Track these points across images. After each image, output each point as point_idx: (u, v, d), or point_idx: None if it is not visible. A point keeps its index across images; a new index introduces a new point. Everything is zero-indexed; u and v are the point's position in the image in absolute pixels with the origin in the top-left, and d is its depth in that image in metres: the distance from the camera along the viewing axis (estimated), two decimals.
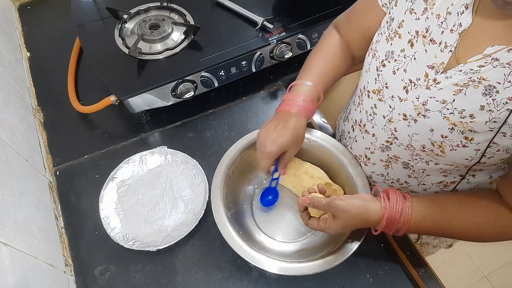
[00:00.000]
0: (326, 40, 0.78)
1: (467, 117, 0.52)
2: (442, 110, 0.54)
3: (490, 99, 0.50)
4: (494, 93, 0.49)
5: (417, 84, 0.57)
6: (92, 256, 0.75)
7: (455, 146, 0.56)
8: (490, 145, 0.53)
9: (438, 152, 0.59)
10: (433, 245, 0.94)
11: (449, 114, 0.54)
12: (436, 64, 0.55)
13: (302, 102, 0.70)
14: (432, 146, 0.59)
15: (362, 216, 0.60)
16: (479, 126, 0.52)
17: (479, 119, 0.51)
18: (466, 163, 0.58)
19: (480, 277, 1.67)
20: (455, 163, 0.60)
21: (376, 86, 0.65)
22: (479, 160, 0.56)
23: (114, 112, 0.94)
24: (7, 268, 0.56)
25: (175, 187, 0.81)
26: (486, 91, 0.50)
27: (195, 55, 0.89)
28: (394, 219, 0.60)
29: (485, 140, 0.53)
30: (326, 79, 0.74)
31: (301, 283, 0.71)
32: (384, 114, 0.65)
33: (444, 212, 0.60)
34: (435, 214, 0.60)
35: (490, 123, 0.51)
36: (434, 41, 0.55)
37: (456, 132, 0.54)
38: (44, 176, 0.83)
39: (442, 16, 0.54)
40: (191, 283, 0.72)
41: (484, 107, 0.50)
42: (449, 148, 0.57)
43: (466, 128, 0.53)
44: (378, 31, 0.66)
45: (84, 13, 0.99)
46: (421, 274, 0.71)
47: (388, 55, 0.61)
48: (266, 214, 0.77)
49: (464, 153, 0.56)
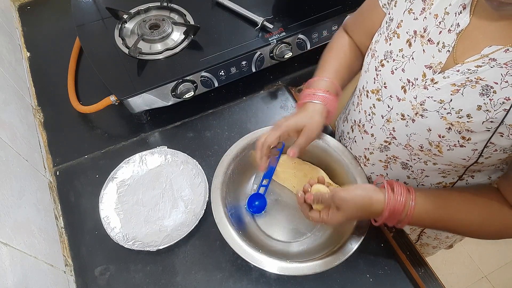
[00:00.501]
0: (336, 41, 0.79)
1: (464, 117, 0.52)
2: (439, 110, 0.55)
3: (487, 99, 0.50)
4: (491, 93, 0.49)
5: (415, 84, 0.57)
6: (92, 256, 0.75)
7: (452, 146, 0.56)
8: (488, 145, 0.53)
9: (436, 152, 0.59)
10: (433, 246, 0.94)
11: (446, 114, 0.54)
12: (434, 64, 0.55)
13: (321, 92, 0.70)
14: (430, 146, 0.59)
15: (366, 207, 0.60)
16: (476, 126, 0.52)
17: (476, 119, 0.51)
18: (464, 163, 0.58)
19: (480, 277, 1.67)
20: (452, 163, 0.60)
21: (375, 86, 0.65)
22: (476, 160, 0.56)
23: (114, 112, 0.94)
24: (7, 268, 0.56)
25: (175, 187, 0.81)
26: (483, 91, 0.50)
27: (195, 55, 0.89)
28: (397, 210, 0.59)
29: (482, 140, 0.53)
30: (341, 75, 0.74)
31: (301, 283, 0.71)
32: (383, 114, 0.65)
33: (447, 207, 0.60)
34: (438, 208, 0.60)
35: (487, 123, 0.51)
36: (432, 41, 0.55)
37: (453, 132, 0.54)
38: (44, 176, 0.83)
39: (440, 16, 0.54)
40: (191, 283, 0.72)
41: (481, 107, 0.50)
42: (446, 148, 0.57)
43: (463, 128, 0.53)
44: (378, 31, 0.66)
45: (84, 13, 0.99)
46: (421, 274, 0.71)
47: (387, 55, 0.61)
48: (266, 214, 0.77)
49: (461, 153, 0.56)
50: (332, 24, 0.95)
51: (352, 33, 0.77)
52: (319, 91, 0.70)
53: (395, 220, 0.60)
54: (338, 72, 0.74)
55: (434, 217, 0.60)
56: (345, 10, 0.95)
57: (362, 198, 0.60)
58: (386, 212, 0.59)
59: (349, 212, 0.60)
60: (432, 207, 0.60)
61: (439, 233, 0.84)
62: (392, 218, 0.60)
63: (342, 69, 0.75)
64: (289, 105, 0.95)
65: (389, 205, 0.59)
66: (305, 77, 1.00)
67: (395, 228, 0.77)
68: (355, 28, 0.76)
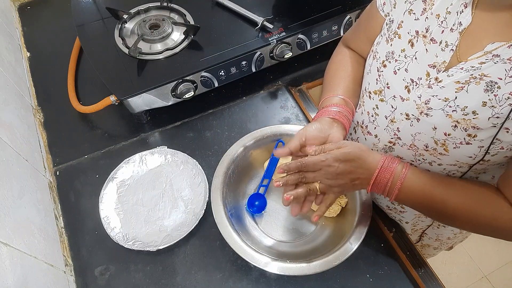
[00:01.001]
0: (336, 57, 0.79)
1: (470, 114, 0.52)
2: (444, 108, 0.55)
3: (492, 95, 0.50)
4: (495, 89, 0.49)
5: (419, 83, 0.57)
6: (92, 256, 0.75)
7: (459, 143, 0.56)
8: (494, 141, 0.53)
9: (442, 151, 0.59)
10: (434, 247, 0.94)
11: (452, 112, 0.54)
12: (437, 63, 0.55)
13: (336, 108, 0.68)
14: (435, 145, 0.59)
15: (364, 155, 0.59)
16: (482, 122, 0.52)
17: (482, 115, 0.51)
18: (470, 161, 0.58)
19: (480, 277, 1.67)
20: (458, 162, 0.59)
21: (377, 87, 0.65)
22: (482, 157, 0.56)
23: (114, 112, 0.94)
24: (7, 268, 0.56)
25: (175, 187, 0.81)
26: (487, 87, 0.50)
27: (195, 55, 0.89)
28: (389, 169, 0.58)
29: (488, 136, 0.53)
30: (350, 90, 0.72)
31: (301, 283, 0.71)
32: (386, 114, 0.65)
33: (442, 185, 0.59)
34: (432, 183, 0.59)
35: (493, 119, 0.51)
36: (435, 40, 0.55)
37: (459, 130, 0.54)
38: (44, 176, 0.83)
39: (442, 15, 0.54)
40: (191, 283, 0.72)
41: (486, 103, 0.50)
42: (452, 146, 0.57)
43: (469, 125, 0.53)
44: (379, 34, 0.67)
45: (84, 13, 0.99)
46: (421, 274, 0.71)
47: (389, 56, 0.61)
48: (266, 214, 0.77)
49: (467, 151, 0.56)
50: (332, 24, 0.95)
51: (354, 44, 0.77)
52: (331, 108, 0.68)
53: (386, 182, 0.59)
54: (347, 88, 0.73)
55: (427, 192, 0.59)
56: (345, 10, 0.95)
57: (361, 145, 0.60)
58: (379, 167, 0.58)
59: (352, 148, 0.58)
60: (426, 180, 0.59)
61: (440, 234, 0.84)
62: (384, 178, 0.59)
63: (349, 84, 0.73)
64: (289, 105, 0.95)
65: (385, 161, 0.58)
66: (305, 77, 1.01)
67: (395, 228, 0.77)
68: (356, 38, 0.76)
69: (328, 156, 0.59)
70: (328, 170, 0.60)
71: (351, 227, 0.68)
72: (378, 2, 0.66)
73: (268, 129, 0.79)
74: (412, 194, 0.60)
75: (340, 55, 0.78)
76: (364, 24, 0.73)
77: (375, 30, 0.68)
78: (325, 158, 0.59)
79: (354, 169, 0.60)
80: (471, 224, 0.60)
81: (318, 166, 0.60)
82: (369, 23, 0.70)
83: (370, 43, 0.70)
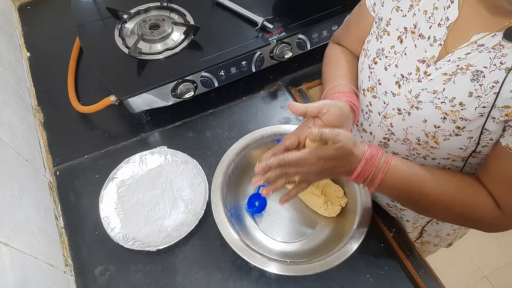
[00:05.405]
0: (330, 53, 0.79)
1: (457, 105, 0.54)
2: (433, 100, 0.56)
3: (478, 84, 0.51)
4: (481, 78, 0.51)
5: (409, 78, 0.59)
6: (92, 256, 0.75)
7: (448, 135, 0.57)
8: (483, 131, 0.54)
9: (433, 144, 0.60)
10: (434, 244, 0.94)
11: (441, 104, 0.55)
12: (427, 58, 0.56)
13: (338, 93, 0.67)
14: (426, 138, 0.60)
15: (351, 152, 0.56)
16: (470, 113, 0.53)
17: (469, 106, 0.53)
18: (461, 153, 0.59)
19: (480, 277, 1.67)
20: (450, 154, 0.60)
21: (370, 84, 0.66)
22: (474, 149, 0.57)
23: (114, 112, 0.94)
24: (7, 268, 0.56)
25: (175, 187, 0.81)
26: (473, 77, 0.51)
27: (195, 55, 0.89)
28: (372, 163, 0.57)
29: (476, 127, 0.54)
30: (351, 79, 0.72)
31: (301, 283, 0.71)
32: (379, 110, 0.66)
33: (423, 171, 0.59)
34: (414, 170, 0.58)
35: (479, 109, 0.52)
36: (423, 36, 0.56)
37: (448, 122, 0.56)
38: (44, 176, 0.83)
39: (429, 11, 0.55)
40: (191, 283, 0.72)
41: (472, 93, 0.52)
42: (442, 138, 0.58)
43: (457, 116, 0.54)
44: (369, 33, 0.68)
45: (84, 13, 0.99)
46: (421, 274, 0.71)
47: (379, 53, 0.63)
48: (266, 214, 0.77)
49: (457, 142, 0.57)
50: (332, 24, 0.95)
51: (344, 42, 0.78)
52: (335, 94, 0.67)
53: (368, 174, 0.57)
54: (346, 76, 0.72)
55: (408, 179, 0.58)
56: (345, 10, 0.95)
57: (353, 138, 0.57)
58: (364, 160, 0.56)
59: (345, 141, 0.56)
60: (408, 166, 0.58)
61: (440, 230, 0.84)
62: (366, 171, 0.57)
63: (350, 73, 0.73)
64: None
65: (370, 149, 0.57)
66: (305, 77, 1.01)
67: (395, 228, 0.77)
68: (346, 37, 0.77)
69: (313, 154, 0.56)
70: (311, 168, 0.57)
71: (351, 227, 0.68)
72: (368, 3, 0.67)
73: (268, 129, 0.79)
74: (392, 186, 0.59)
75: (335, 50, 0.78)
76: (354, 25, 0.74)
77: (366, 30, 0.69)
78: (310, 156, 0.56)
79: (338, 164, 0.57)
80: (450, 214, 0.59)
81: (301, 164, 0.57)
82: (359, 24, 0.71)
83: (361, 43, 0.71)
